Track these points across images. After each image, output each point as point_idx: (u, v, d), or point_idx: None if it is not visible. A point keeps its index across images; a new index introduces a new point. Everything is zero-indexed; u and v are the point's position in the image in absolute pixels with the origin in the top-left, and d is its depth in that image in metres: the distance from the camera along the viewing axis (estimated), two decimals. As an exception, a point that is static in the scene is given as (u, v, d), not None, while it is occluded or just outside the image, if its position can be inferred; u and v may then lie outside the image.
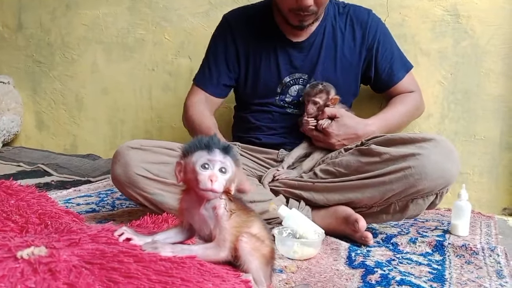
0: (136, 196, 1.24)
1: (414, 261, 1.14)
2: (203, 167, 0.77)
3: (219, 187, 0.77)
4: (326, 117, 1.41)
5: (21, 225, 0.80)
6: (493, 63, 1.68)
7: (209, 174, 0.77)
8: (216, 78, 1.56)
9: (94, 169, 2.10)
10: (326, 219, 1.32)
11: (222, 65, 1.56)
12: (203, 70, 1.59)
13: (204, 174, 0.77)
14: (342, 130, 1.40)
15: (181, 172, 0.80)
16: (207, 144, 0.78)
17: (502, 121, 1.68)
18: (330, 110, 1.41)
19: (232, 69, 1.56)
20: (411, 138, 1.23)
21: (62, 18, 2.43)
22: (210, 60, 1.58)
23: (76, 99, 2.43)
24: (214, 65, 1.57)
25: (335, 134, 1.41)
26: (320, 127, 1.41)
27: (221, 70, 1.56)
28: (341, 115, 1.41)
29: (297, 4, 1.35)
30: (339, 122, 1.41)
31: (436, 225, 1.47)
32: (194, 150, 0.79)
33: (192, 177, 0.78)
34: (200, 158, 0.78)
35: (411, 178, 1.19)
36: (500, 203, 1.70)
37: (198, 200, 0.80)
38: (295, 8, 1.37)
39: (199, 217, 0.81)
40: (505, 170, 1.69)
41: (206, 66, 1.59)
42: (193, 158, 0.78)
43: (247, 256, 0.79)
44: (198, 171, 0.77)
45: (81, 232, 0.75)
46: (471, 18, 1.69)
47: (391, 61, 1.53)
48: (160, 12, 2.19)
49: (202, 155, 0.78)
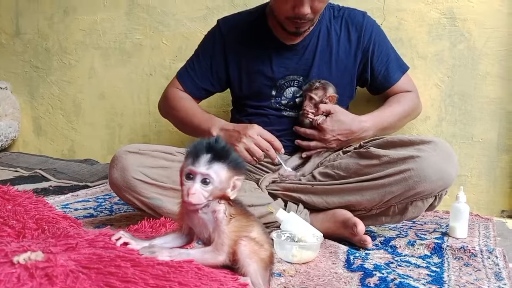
0: (133, 200, 1.24)
1: (413, 264, 1.14)
2: (187, 178, 0.78)
3: (198, 200, 0.78)
4: (321, 113, 1.41)
5: (18, 230, 0.80)
6: (489, 66, 1.68)
7: (188, 187, 0.78)
8: (198, 80, 1.58)
9: (92, 174, 2.10)
10: (325, 223, 1.32)
11: (206, 71, 1.57)
12: (188, 69, 1.61)
13: (185, 185, 0.78)
14: (336, 126, 1.41)
15: (180, 175, 0.81)
16: (196, 150, 0.78)
17: (499, 124, 1.68)
18: (324, 106, 1.42)
19: (216, 75, 1.57)
20: (410, 140, 1.23)
21: (59, 23, 2.43)
22: (195, 62, 1.60)
23: (73, 104, 2.43)
24: (199, 68, 1.58)
25: (329, 130, 1.41)
26: (315, 123, 1.41)
27: (204, 73, 1.57)
28: (335, 111, 1.42)
29: (294, 12, 1.35)
30: (333, 118, 1.41)
31: (434, 228, 1.47)
32: (188, 155, 0.79)
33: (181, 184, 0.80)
34: (186, 167, 0.79)
35: (410, 180, 1.19)
36: (498, 206, 1.70)
37: None
38: (291, 16, 1.37)
39: (198, 220, 0.81)
40: (503, 172, 1.69)
41: (192, 66, 1.60)
42: (183, 165, 0.79)
43: (246, 260, 0.79)
44: (183, 181, 0.79)
45: (78, 237, 0.74)
46: (467, 21, 1.70)
47: (387, 63, 1.54)
48: (158, 17, 2.19)
49: (188, 164, 0.79)
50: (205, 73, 1.57)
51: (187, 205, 0.79)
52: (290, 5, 1.34)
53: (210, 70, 1.57)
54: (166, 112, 1.65)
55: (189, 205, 0.78)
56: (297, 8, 1.33)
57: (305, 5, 1.32)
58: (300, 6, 1.32)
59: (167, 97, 1.61)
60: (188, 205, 0.79)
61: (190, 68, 1.60)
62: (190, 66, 1.60)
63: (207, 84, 1.59)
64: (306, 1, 1.32)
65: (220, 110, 2.02)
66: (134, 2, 2.24)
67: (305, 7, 1.32)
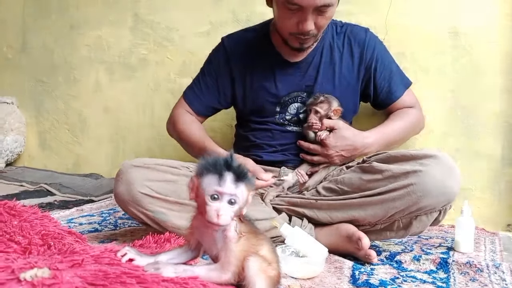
0: (138, 214, 1.24)
1: (419, 279, 1.13)
2: (212, 198, 0.76)
3: (226, 220, 0.76)
4: (325, 129, 1.42)
5: (24, 246, 0.80)
6: (492, 79, 1.69)
7: (216, 208, 0.76)
8: (205, 99, 1.59)
9: (96, 189, 2.10)
10: (329, 237, 1.31)
11: (213, 86, 1.58)
12: (193, 87, 1.62)
13: (211, 206, 0.76)
14: (340, 142, 1.41)
15: (193, 191, 0.79)
16: (220, 169, 0.76)
17: (503, 137, 1.68)
18: (328, 122, 1.42)
19: (223, 92, 1.58)
20: (412, 155, 1.23)
21: (65, 38, 2.46)
22: (201, 80, 1.61)
23: (79, 119, 2.45)
24: (204, 86, 1.59)
25: (332, 146, 1.41)
26: (318, 138, 1.42)
27: (210, 91, 1.59)
28: (339, 127, 1.42)
29: (298, 29, 1.36)
30: (337, 134, 1.41)
31: (440, 242, 1.46)
32: (207, 172, 0.77)
33: (201, 203, 0.78)
34: (210, 187, 0.76)
35: (414, 195, 1.19)
36: (504, 219, 1.69)
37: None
38: (295, 32, 1.38)
39: (209, 237, 0.81)
40: (507, 186, 1.68)
41: (197, 85, 1.61)
42: (204, 183, 0.77)
43: (254, 277, 0.78)
44: (207, 202, 0.76)
45: (84, 253, 0.75)
46: (470, 35, 1.71)
47: (389, 78, 1.54)
48: (162, 32, 2.22)
49: (212, 184, 0.76)
50: (211, 91, 1.59)
51: (214, 226, 0.78)
52: (294, 21, 1.35)
53: (216, 88, 1.58)
54: (173, 134, 1.66)
55: (217, 227, 0.78)
56: (301, 24, 1.34)
57: (308, 21, 1.33)
58: (304, 22, 1.33)
59: (175, 120, 1.61)
60: (215, 227, 0.78)
61: (196, 87, 1.61)
62: (196, 85, 1.61)
63: (213, 102, 1.60)
64: (310, 18, 1.32)
65: (224, 124, 2.03)
66: (139, 18, 2.27)
67: (309, 23, 1.33)
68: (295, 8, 1.31)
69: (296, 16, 1.34)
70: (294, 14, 1.33)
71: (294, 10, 1.32)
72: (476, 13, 1.70)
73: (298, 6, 1.30)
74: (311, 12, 1.31)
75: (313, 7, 1.30)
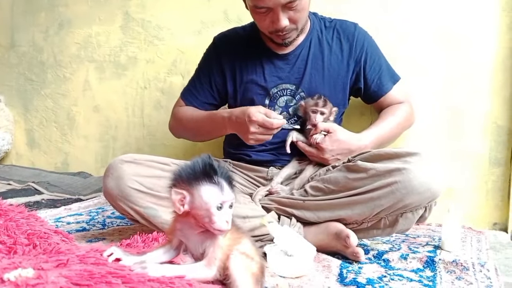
0: (128, 210, 1.24)
1: (405, 278, 1.14)
2: (218, 208, 0.78)
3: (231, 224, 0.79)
4: (319, 132, 1.42)
5: (9, 246, 0.80)
6: (481, 80, 1.71)
7: (224, 216, 0.78)
8: (201, 96, 1.63)
9: (85, 187, 2.09)
10: (318, 235, 1.32)
11: (207, 85, 1.62)
12: (190, 87, 1.67)
13: (219, 215, 0.78)
14: (335, 145, 1.41)
15: (184, 204, 0.79)
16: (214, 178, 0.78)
17: (490, 137, 1.70)
18: (323, 125, 1.42)
19: (216, 89, 1.62)
20: (396, 153, 1.24)
21: (54, 36, 2.44)
22: (196, 79, 1.66)
23: (67, 117, 2.43)
24: (199, 83, 1.64)
25: (329, 150, 1.41)
26: (314, 142, 1.42)
27: (206, 90, 1.62)
28: (334, 130, 1.42)
29: (273, 27, 1.39)
30: (332, 137, 1.42)
31: (427, 241, 1.48)
32: (200, 182, 0.78)
33: (203, 214, 0.79)
34: (215, 199, 0.78)
35: (398, 193, 1.19)
36: (490, 218, 1.71)
37: (197, 223, 0.81)
38: (273, 30, 1.41)
39: (194, 237, 0.81)
40: (494, 186, 1.70)
41: (193, 84, 1.66)
42: (204, 195, 0.78)
43: (238, 275, 0.79)
44: (213, 213, 0.78)
45: (69, 253, 0.74)
46: (461, 35, 1.72)
47: (379, 72, 1.56)
48: (153, 31, 2.21)
49: (216, 195, 0.78)
50: (206, 89, 1.62)
51: (219, 233, 0.79)
52: (268, 21, 1.39)
53: (210, 86, 1.62)
54: (177, 131, 1.70)
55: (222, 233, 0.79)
56: (275, 24, 1.38)
57: (281, 19, 1.36)
58: (276, 21, 1.37)
59: (174, 116, 1.67)
60: (220, 233, 0.79)
61: (192, 86, 1.65)
62: (192, 85, 1.66)
63: (209, 99, 1.63)
64: (282, 15, 1.36)
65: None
66: (129, 16, 2.26)
67: (282, 20, 1.37)
68: (264, 10, 1.36)
69: (268, 16, 1.38)
70: (266, 15, 1.38)
71: (265, 12, 1.37)
72: (468, 13, 1.71)
73: (266, 8, 1.35)
74: (281, 10, 1.35)
75: (280, 6, 1.33)
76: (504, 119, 1.69)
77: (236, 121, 1.40)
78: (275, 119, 1.33)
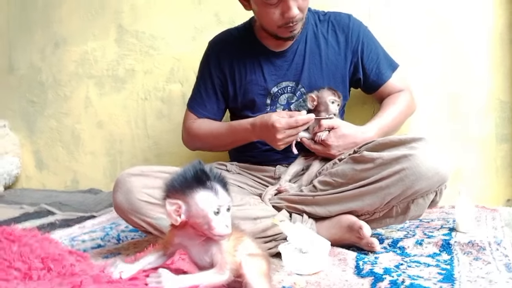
0: (140, 222, 1.24)
1: (423, 263, 1.14)
2: (215, 214, 0.77)
3: (231, 227, 0.78)
4: (324, 129, 1.41)
5: (24, 272, 0.80)
6: (479, 58, 1.69)
7: (223, 220, 0.77)
8: (207, 103, 1.62)
9: (96, 203, 2.10)
10: (331, 230, 1.31)
11: (211, 90, 1.61)
12: (195, 96, 1.65)
13: (217, 220, 0.77)
14: (341, 140, 1.41)
15: (180, 214, 0.78)
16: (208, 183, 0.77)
17: (495, 114, 1.69)
18: (327, 122, 1.42)
19: (220, 92, 1.60)
20: (401, 140, 1.24)
21: (51, 56, 2.46)
22: (199, 86, 1.64)
23: (72, 135, 2.45)
24: (204, 90, 1.62)
25: (335, 145, 1.41)
26: (319, 140, 1.42)
27: (210, 95, 1.61)
28: (338, 126, 1.42)
29: (284, 19, 1.37)
30: (337, 133, 1.41)
31: (441, 224, 1.47)
32: (193, 189, 0.77)
33: (201, 222, 0.78)
34: (211, 205, 0.77)
35: (407, 179, 1.19)
36: (503, 195, 1.70)
37: (196, 234, 0.80)
38: (283, 24, 1.39)
39: (199, 248, 0.81)
40: (504, 162, 1.69)
41: (197, 92, 1.64)
42: (200, 202, 0.77)
43: (253, 280, 0.79)
44: (212, 218, 0.77)
45: (83, 274, 0.75)
46: (455, 14, 1.71)
47: (377, 61, 1.55)
48: (147, 41, 2.21)
49: (211, 200, 0.77)
50: (212, 95, 1.61)
51: (220, 239, 0.79)
52: (278, 14, 1.37)
53: (214, 91, 1.60)
54: (193, 145, 1.68)
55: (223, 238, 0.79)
56: (287, 13, 1.36)
57: (292, 7, 1.34)
58: (288, 10, 1.35)
59: (188, 132, 1.64)
60: (221, 238, 0.79)
61: (197, 96, 1.64)
62: (196, 94, 1.64)
63: (219, 105, 1.62)
64: (293, 3, 1.34)
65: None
66: (123, 29, 2.26)
67: (293, 9, 1.35)
68: (275, 1, 1.34)
69: (279, 8, 1.36)
70: (276, 7, 1.36)
71: (275, 4, 1.35)
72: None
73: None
74: None
75: None
76: (507, 94, 1.67)
77: (261, 131, 1.38)
78: (299, 116, 1.32)
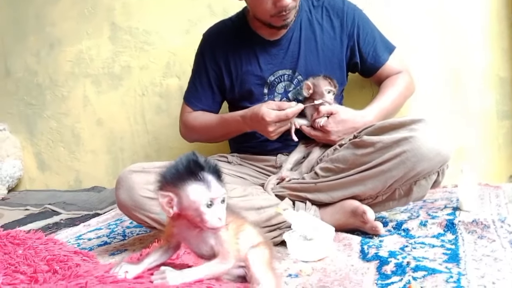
0: (144, 218, 1.25)
1: (427, 244, 1.14)
2: (207, 206, 0.76)
3: (225, 219, 0.77)
4: (322, 115, 1.41)
5: (30, 276, 0.81)
6: (477, 35, 1.67)
7: (216, 213, 0.76)
8: (202, 96, 1.62)
9: (100, 201, 2.11)
10: (335, 215, 1.31)
11: (206, 84, 1.60)
12: (191, 89, 1.65)
13: (210, 214, 0.76)
14: (340, 126, 1.40)
15: (173, 206, 0.78)
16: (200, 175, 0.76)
17: (494, 90, 1.67)
18: (325, 108, 1.41)
19: (215, 85, 1.60)
20: (401, 122, 1.23)
21: (47, 58, 2.45)
22: (195, 79, 1.64)
23: (72, 135, 2.45)
24: (199, 84, 1.62)
25: (334, 131, 1.41)
26: (318, 126, 1.41)
27: (206, 88, 1.61)
28: (337, 111, 1.41)
29: (276, 8, 1.36)
30: (336, 118, 1.41)
31: (445, 204, 1.46)
32: (185, 181, 0.76)
33: (194, 214, 0.77)
34: (202, 197, 0.76)
35: (408, 162, 1.18)
36: (506, 172, 1.69)
37: (192, 223, 0.80)
38: (276, 12, 1.38)
39: (196, 238, 0.81)
40: (506, 139, 1.68)
41: (192, 85, 1.64)
42: (191, 195, 0.76)
43: (258, 270, 0.79)
44: (203, 211, 0.76)
45: (88, 275, 0.75)
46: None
47: (374, 44, 1.53)
48: (141, 37, 2.20)
49: (202, 193, 0.76)
50: (207, 88, 1.61)
51: (218, 230, 0.78)
52: (270, 3, 1.36)
53: (210, 84, 1.60)
54: (191, 137, 1.70)
55: (220, 229, 0.78)
56: (279, 2, 1.34)
57: None
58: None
59: (184, 125, 1.66)
60: (215, 231, 0.78)
61: (193, 88, 1.64)
62: (192, 87, 1.64)
63: (214, 98, 1.62)
64: None
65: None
66: (116, 26, 2.25)
67: None
68: None
69: None
70: None
71: None
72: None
73: None
74: None
75: None
76: (506, 70, 1.66)
77: (252, 122, 1.39)
78: (288, 109, 1.32)
